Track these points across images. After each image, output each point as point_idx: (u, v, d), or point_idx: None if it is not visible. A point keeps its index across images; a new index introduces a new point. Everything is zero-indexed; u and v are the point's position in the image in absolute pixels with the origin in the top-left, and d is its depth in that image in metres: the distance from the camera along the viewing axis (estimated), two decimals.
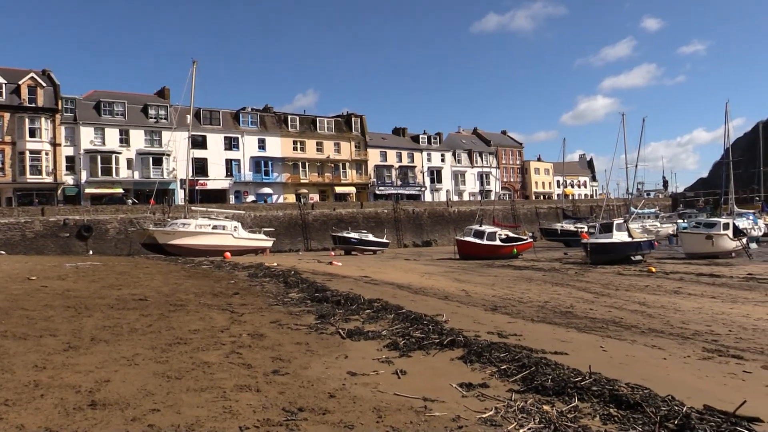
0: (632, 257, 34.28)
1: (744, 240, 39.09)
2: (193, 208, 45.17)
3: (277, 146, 69.81)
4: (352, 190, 74.70)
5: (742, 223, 46.22)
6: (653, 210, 71.57)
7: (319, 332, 9.16)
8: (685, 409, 5.06)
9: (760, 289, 19.63)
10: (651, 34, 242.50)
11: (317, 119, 75.06)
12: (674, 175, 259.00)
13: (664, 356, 8.62)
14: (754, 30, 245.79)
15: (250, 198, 65.55)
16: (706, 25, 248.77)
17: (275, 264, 26.85)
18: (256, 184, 67.36)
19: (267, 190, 68.21)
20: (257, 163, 67.76)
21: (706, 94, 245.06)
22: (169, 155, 58.73)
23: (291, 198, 68.61)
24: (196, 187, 58.31)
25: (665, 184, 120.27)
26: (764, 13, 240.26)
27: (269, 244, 45.12)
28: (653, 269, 28.18)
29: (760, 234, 51.49)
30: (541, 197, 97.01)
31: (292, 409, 5.06)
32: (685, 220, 52.40)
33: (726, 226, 37.86)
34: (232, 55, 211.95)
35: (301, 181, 70.97)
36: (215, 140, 65.23)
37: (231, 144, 66.59)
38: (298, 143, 71.84)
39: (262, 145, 68.69)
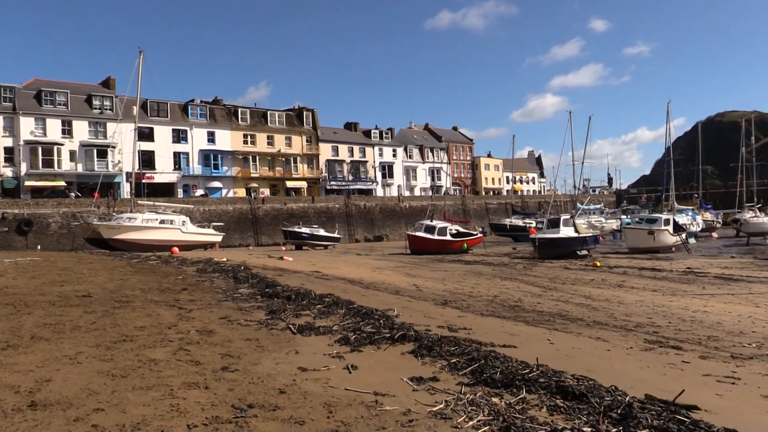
0: (578, 252, 35.12)
1: (683, 235, 40.52)
2: (139, 202, 44.07)
3: (227, 139, 68.73)
4: (304, 184, 74.23)
5: (682, 219, 47.87)
6: (598, 206, 73.48)
7: (270, 328, 9.07)
8: (627, 398, 5.21)
9: (698, 283, 20.39)
10: (598, 34, 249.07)
11: (268, 113, 74.21)
12: (618, 172, 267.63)
13: (608, 348, 8.86)
14: (696, 34, 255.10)
15: (199, 192, 64.34)
16: (650, 28, 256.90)
17: (225, 259, 26.47)
18: (205, 177, 66.20)
19: (216, 183, 67.12)
20: (206, 157, 66.57)
21: (650, 95, 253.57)
22: (114, 147, 57.12)
23: (241, 192, 67.67)
24: (143, 181, 56.90)
25: (610, 180, 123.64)
26: (705, 18, 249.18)
27: (219, 239, 44.44)
28: (598, 263, 28.92)
29: (699, 230, 53.43)
30: (491, 193, 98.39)
31: (242, 406, 5.00)
32: (629, 216, 53.99)
33: (666, 222, 39.17)
34: (181, 45, 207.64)
35: (252, 175, 70.09)
36: (163, 132, 63.74)
37: (179, 136, 65.23)
38: (249, 137, 70.89)
39: (211, 138, 67.51)
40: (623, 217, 58.53)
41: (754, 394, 6.28)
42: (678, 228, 40.85)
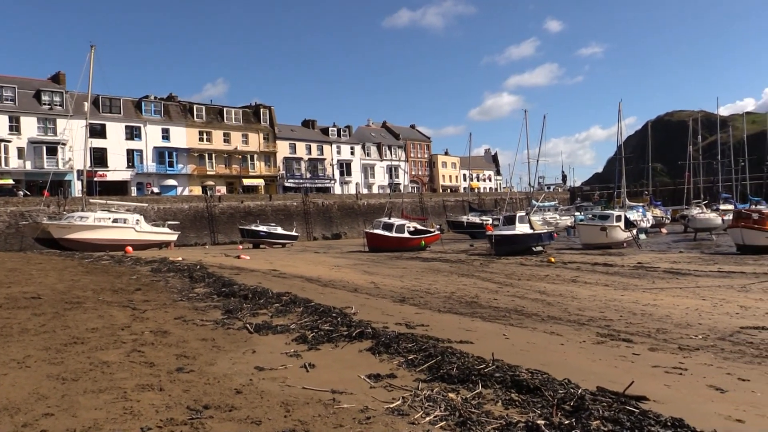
0: (533, 248, 35.69)
1: (634, 231, 41.57)
2: (91, 200, 42.93)
3: (182, 137, 67.54)
4: (261, 182, 73.51)
5: (633, 216, 49.07)
6: (553, 203, 74.77)
7: (226, 327, 8.98)
8: (580, 391, 5.34)
9: (648, 277, 20.97)
10: (553, 35, 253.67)
11: (224, 109, 73.24)
12: (572, 170, 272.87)
13: (562, 342, 9.05)
14: (646, 37, 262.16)
15: (154, 190, 63.07)
16: (603, 29, 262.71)
17: (180, 258, 26.06)
18: (159, 175, 64.92)
19: (171, 181, 65.89)
20: (161, 154, 65.30)
21: (602, 94, 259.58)
22: (64, 144, 55.46)
23: (197, 190, 66.60)
24: (95, 179, 55.38)
25: (564, 178, 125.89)
26: (654, 21, 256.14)
27: (174, 237, 43.68)
28: (553, 259, 29.46)
29: (649, 226, 54.89)
30: (449, 190, 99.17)
31: (197, 407, 4.94)
32: (582, 213, 55.09)
33: (618, 219, 40.12)
34: (135, 40, 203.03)
35: (208, 172, 69.07)
36: (115, 129, 62.22)
37: (132, 133, 63.79)
38: (205, 134, 69.83)
39: (166, 135, 66.23)
40: (577, 213, 59.70)
41: (700, 383, 6.51)
42: (629, 224, 41.86)
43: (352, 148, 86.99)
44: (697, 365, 7.58)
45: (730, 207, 56.12)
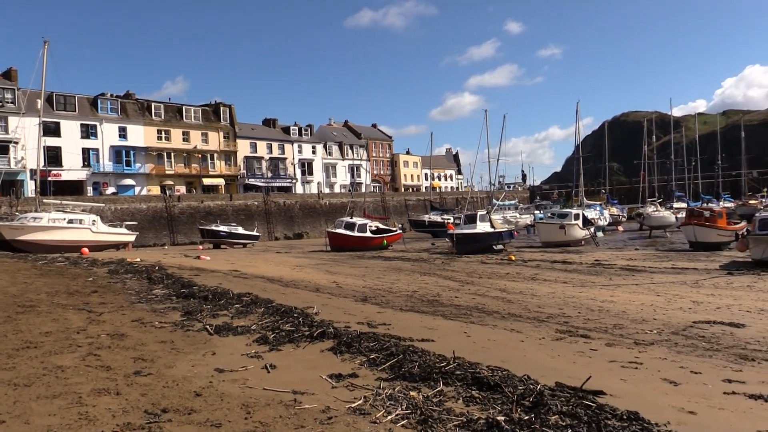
0: (494, 246, 36.09)
1: (592, 229, 42.39)
2: (45, 200, 41.79)
3: (140, 135, 66.24)
4: (221, 181, 72.60)
5: (591, 214, 50.02)
6: (513, 202, 75.68)
7: (186, 329, 8.85)
8: (539, 387, 5.43)
9: (605, 274, 21.41)
10: (513, 36, 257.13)
11: (183, 108, 72.10)
12: (532, 169, 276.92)
13: (522, 339, 9.18)
14: (603, 39, 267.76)
15: (111, 190, 61.64)
16: (561, 31, 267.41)
17: (138, 259, 25.59)
18: (116, 175, 63.54)
19: (129, 181, 64.56)
20: (118, 153, 63.92)
21: (561, 95, 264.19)
22: (17, 143, 53.84)
23: (155, 190, 65.40)
24: (49, 178, 53.89)
25: (524, 177, 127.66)
26: (611, 24, 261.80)
27: (132, 238, 42.79)
28: (513, 257, 29.83)
29: (606, 224, 56.03)
30: (410, 189, 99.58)
31: (156, 411, 4.85)
32: (541, 212, 55.89)
33: (576, 217, 40.85)
34: (90, 36, 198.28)
35: (167, 172, 67.91)
36: (70, 127, 60.60)
37: (88, 132, 62.28)
38: (163, 132, 68.62)
39: (123, 133, 64.86)
40: (536, 212, 60.50)
41: (654, 377, 6.68)
42: (587, 222, 42.65)
43: (313, 148, 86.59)
44: (652, 359, 7.78)
45: (683, 205, 57.67)
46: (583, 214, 43.28)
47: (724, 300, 14.45)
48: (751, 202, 63.89)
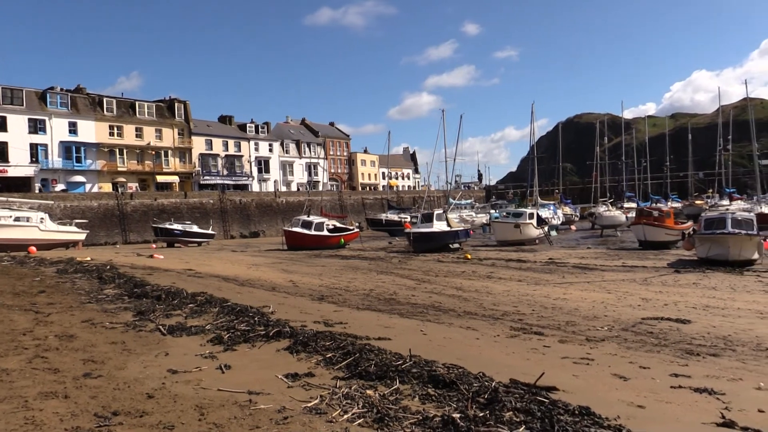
0: (451, 245, 36.37)
1: (546, 228, 43.11)
2: None
3: (91, 131, 64.46)
4: (175, 179, 71.23)
5: (545, 213, 50.89)
6: (469, 201, 76.43)
7: (138, 330, 8.68)
8: (494, 384, 5.51)
9: (558, 272, 21.80)
10: (471, 38, 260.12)
11: (137, 103, 70.45)
12: (488, 169, 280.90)
13: (478, 336, 9.28)
14: (557, 42, 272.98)
15: (60, 187, 59.84)
16: (518, 34, 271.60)
17: (88, 258, 24.97)
18: (66, 171, 61.72)
19: (79, 178, 62.78)
20: (68, 149, 62.07)
21: (517, 96, 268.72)
22: None
23: (107, 187, 63.75)
24: None
25: (480, 176, 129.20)
26: (565, 27, 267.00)
27: (82, 237, 41.64)
28: (469, 256, 30.10)
29: (559, 223, 57.08)
30: (368, 188, 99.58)
31: (106, 414, 4.74)
32: (497, 211, 56.58)
33: (531, 216, 41.46)
34: (39, 26, 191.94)
35: (119, 169, 66.28)
36: (17, 122, 58.54)
37: (36, 127, 60.27)
38: (116, 128, 66.94)
39: (73, 129, 63.00)
40: (492, 211, 61.18)
41: (605, 372, 6.84)
42: (541, 221, 43.34)
43: (270, 145, 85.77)
44: (603, 355, 7.96)
45: (633, 205, 59.15)
46: (538, 214, 43.95)
47: (671, 297, 14.88)
48: (698, 202, 65.88)
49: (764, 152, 71.30)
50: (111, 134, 66.41)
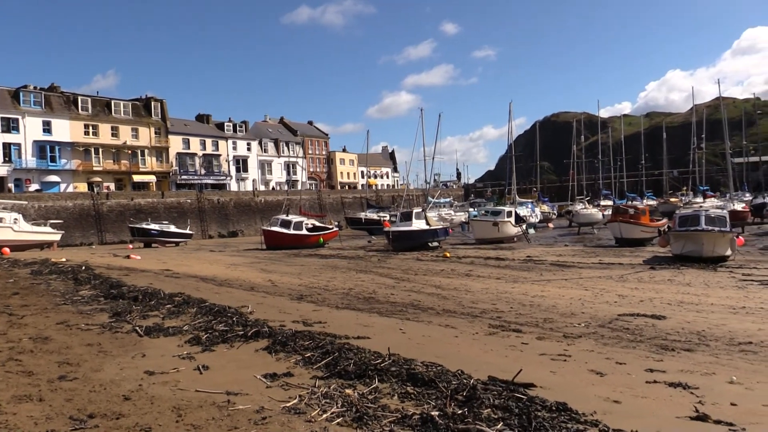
0: (430, 244, 36.47)
1: (524, 226, 43.40)
2: None
3: (66, 130, 63.51)
4: (152, 178, 70.49)
5: (523, 211, 51.21)
6: (448, 199, 76.81)
7: (114, 331, 8.58)
8: (472, 381, 5.53)
9: (536, 270, 21.98)
10: (449, 37, 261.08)
11: (112, 102, 69.56)
12: (467, 168, 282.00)
13: (456, 334, 9.33)
14: (534, 42, 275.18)
15: (34, 187, 58.86)
16: (496, 33, 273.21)
17: (64, 259, 24.64)
18: (40, 171, 60.75)
19: (54, 178, 61.82)
20: (42, 148, 61.10)
21: (495, 95, 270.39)
22: None
23: (82, 187, 62.87)
24: None
25: (459, 175, 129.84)
26: (542, 27, 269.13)
27: (57, 237, 41.05)
28: (448, 254, 30.22)
29: (537, 221, 57.51)
30: (347, 187, 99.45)
31: (81, 417, 4.68)
32: (476, 209, 56.86)
33: (509, 214, 41.74)
34: (12, 23, 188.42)
35: (95, 168, 65.39)
36: None
37: (9, 126, 59.25)
38: (91, 127, 66.03)
39: (47, 128, 62.02)
40: (470, 209, 61.47)
41: (582, 369, 6.91)
42: (519, 219, 43.63)
43: (248, 144, 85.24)
44: (580, 351, 8.05)
45: (610, 203, 59.82)
46: (516, 212, 44.24)
47: (647, 293, 15.08)
48: (672, 200, 66.80)
49: (736, 150, 72.40)
50: (86, 133, 65.51)
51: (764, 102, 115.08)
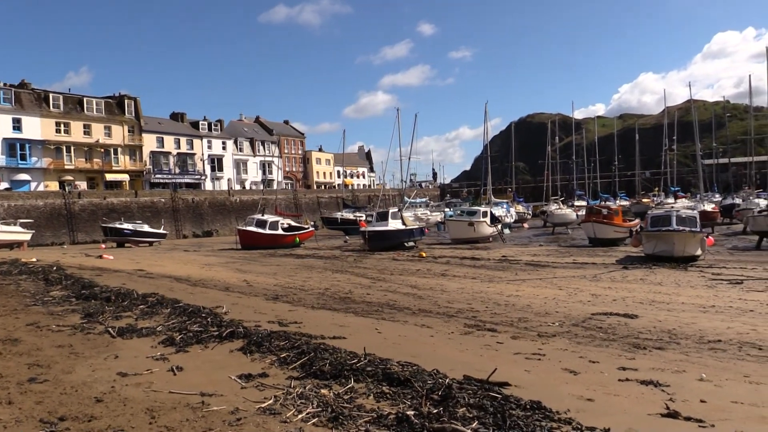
0: (406, 243, 36.52)
1: (499, 226, 43.67)
2: None
3: (37, 128, 62.33)
4: (126, 177, 69.53)
5: (498, 212, 51.49)
6: (424, 199, 76.92)
7: (86, 332, 8.46)
8: (447, 380, 5.57)
9: (511, 270, 22.14)
10: (426, 38, 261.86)
11: (85, 99, 68.44)
12: (443, 168, 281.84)
13: (432, 334, 9.36)
14: (511, 43, 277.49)
15: (3, 185, 57.68)
16: (472, 35, 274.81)
17: (34, 259, 24.22)
18: (10, 169, 59.54)
19: (24, 176, 60.66)
20: (11, 146, 59.90)
21: (471, 96, 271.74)
22: None
23: (54, 186, 61.77)
24: None
25: (435, 175, 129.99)
26: (518, 29, 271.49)
27: (27, 237, 40.35)
28: (424, 254, 30.29)
29: (512, 221, 57.89)
30: (323, 187, 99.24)
31: (52, 420, 4.62)
32: (451, 209, 57.05)
33: (485, 214, 41.96)
34: None
35: (66, 167, 64.29)
36: None
37: None
38: (62, 125, 64.89)
39: (17, 125, 60.79)
40: (446, 209, 61.66)
41: (556, 367, 6.99)
42: (495, 219, 43.88)
43: (223, 143, 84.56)
44: (554, 350, 8.13)
45: (584, 203, 60.41)
46: (491, 212, 44.48)
47: (619, 293, 15.28)
48: (645, 200, 67.68)
49: (707, 152, 73.74)
50: (58, 131, 64.38)
51: (733, 105, 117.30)
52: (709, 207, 47.21)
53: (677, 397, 5.64)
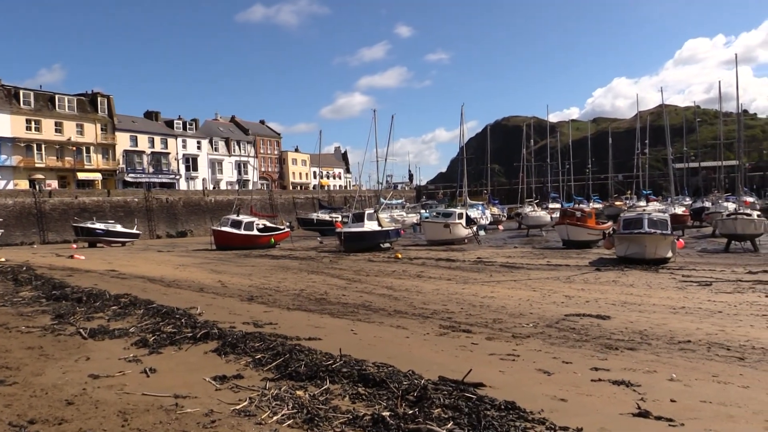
0: (381, 245, 36.54)
1: (475, 228, 43.93)
2: None
3: (6, 125, 61.09)
4: (98, 176, 68.50)
5: (473, 213, 51.80)
6: (400, 201, 77.00)
7: (56, 334, 8.33)
8: (423, 381, 5.59)
9: (486, 271, 22.28)
10: (403, 40, 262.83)
11: (56, 96, 67.28)
12: (419, 169, 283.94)
13: (408, 335, 9.38)
14: (486, 47, 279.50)
15: None
16: (449, 37, 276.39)
17: (3, 259, 23.77)
18: None
19: None
20: None
21: (447, 98, 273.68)
22: None
23: (23, 184, 60.60)
24: None
25: (411, 177, 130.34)
26: (494, 33, 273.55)
27: None
28: (399, 255, 30.34)
29: (487, 223, 58.28)
30: (299, 187, 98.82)
31: (21, 423, 4.53)
32: (427, 211, 57.21)
33: (460, 216, 42.16)
34: None
35: (36, 165, 63.11)
36: None
37: None
38: (33, 122, 63.69)
39: None
40: (422, 211, 61.79)
41: (530, 368, 7.06)
42: (470, 221, 44.10)
43: (198, 143, 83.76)
44: (528, 351, 8.21)
45: (558, 206, 61.02)
46: (467, 214, 44.70)
47: (592, 294, 15.47)
48: (617, 203, 68.52)
49: (678, 156, 74.99)
50: (28, 128, 63.17)
51: (704, 110, 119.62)
52: (679, 210, 48.04)
53: (648, 396, 5.73)
